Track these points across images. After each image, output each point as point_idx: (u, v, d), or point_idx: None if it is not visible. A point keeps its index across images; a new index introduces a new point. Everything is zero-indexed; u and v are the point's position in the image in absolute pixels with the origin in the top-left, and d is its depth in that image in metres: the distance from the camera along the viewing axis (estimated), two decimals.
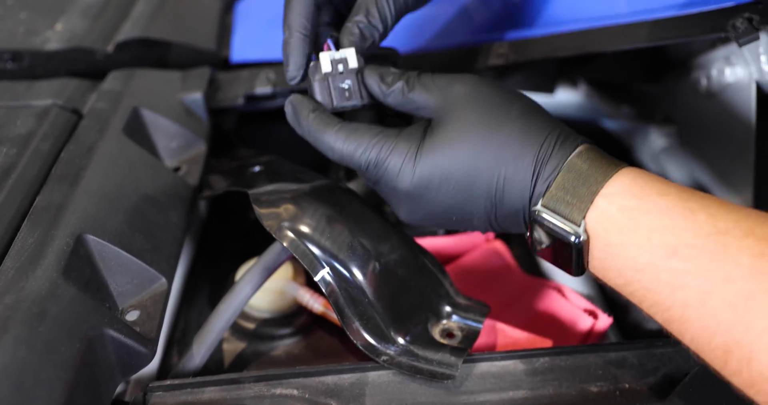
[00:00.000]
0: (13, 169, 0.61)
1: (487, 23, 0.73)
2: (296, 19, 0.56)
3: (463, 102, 0.52)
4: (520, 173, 0.50)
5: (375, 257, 0.56)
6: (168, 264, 0.59)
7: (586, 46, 0.63)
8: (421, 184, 0.52)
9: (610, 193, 0.47)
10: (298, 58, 0.56)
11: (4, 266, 0.52)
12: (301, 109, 0.56)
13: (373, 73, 0.55)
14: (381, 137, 0.53)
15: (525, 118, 0.51)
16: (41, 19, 0.81)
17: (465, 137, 0.51)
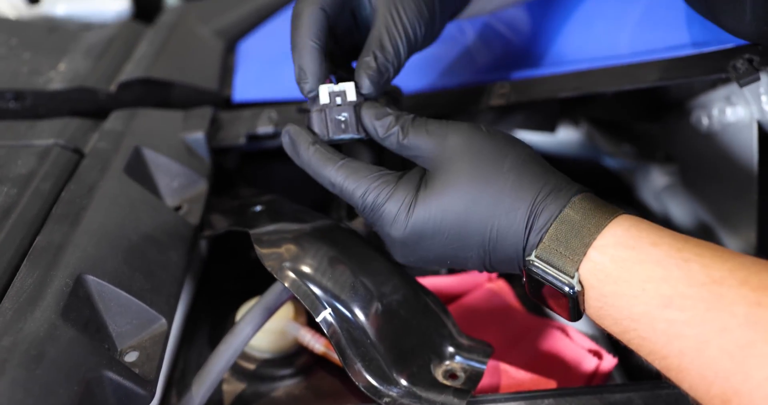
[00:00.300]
0: (13, 208, 0.61)
1: (488, 63, 0.74)
2: (308, 30, 0.56)
3: (457, 153, 0.52)
4: (512, 226, 0.50)
5: (377, 298, 0.56)
6: (168, 304, 0.59)
7: (588, 86, 0.64)
8: (414, 233, 0.52)
9: (602, 245, 0.48)
10: (314, 67, 0.56)
11: (2, 307, 0.52)
12: (300, 141, 0.56)
13: (368, 113, 0.55)
14: (380, 182, 0.53)
15: (518, 170, 0.51)
16: (45, 59, 0.82)
17: (458, 191, 0.51)
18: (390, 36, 0.57)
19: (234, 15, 0.95)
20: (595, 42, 0.70)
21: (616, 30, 0.70)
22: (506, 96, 0.67)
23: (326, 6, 0.56)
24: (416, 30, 0.58)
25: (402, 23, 0.57)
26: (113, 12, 0.94)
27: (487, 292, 0.71)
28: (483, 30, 0.79)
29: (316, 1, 0.56)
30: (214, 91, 0.84)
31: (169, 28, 0.90)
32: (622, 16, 0.72)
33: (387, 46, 0.56)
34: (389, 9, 0.57)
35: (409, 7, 0.58)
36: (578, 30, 0.73)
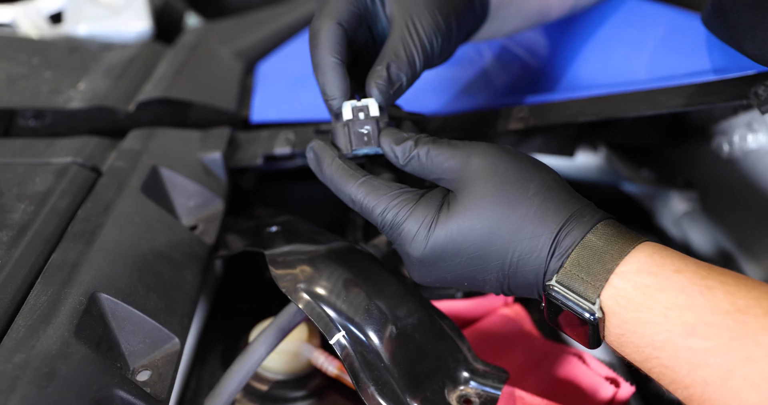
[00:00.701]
0: (29, 226, 0.61)
1: (506, 86, 0.74)
2: (328, 46, 0.55)
3: (481, 175, 0.51)
4: (534, 251, 0.50)
5: (392, 321, 0.55)
6: (181, 324, 0.58)
7: (607, 111, 0.63)
8: (434, 253, 0.52)
9: (625, 271, 0.47)
10: (339, 83, 0.55)
11: (15, 324, 0.52)
12: (324, 157, 0.56)
13: (387, 139, 0.55)
14: (400, 200, 0.53)
15: (542, 195, 0.50)
16: (65, 78, 0.82)
17: (480, 214, 0.50)
18: (405, 46, 0.56)
19: (253, 36, 0.96)
20: (614, 66, 0.70)
21: (635, 55, 0.70)
22: (525, 120, 0.67)
23: (343, 21, 0.56)
24: (433, 42, 0.58)
25: (418, 34, 0.57)
26: (134, 32, 0.95)
27: (504, 316, 0.70)
28: (500, 53, 0.79)
29: (332, 17, 0.56)
30: (232, 112, 0.84)
31: (188, 48, 0.90)
32: (641, 40, 0.72)
33: (401, 56, 0.56)
34: (405, 20, 0.57)
35: (426, 19, 0.57)
36: (597, 54, 0.73)
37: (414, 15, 0.57)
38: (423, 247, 0.52)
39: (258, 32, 0.97)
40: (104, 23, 0.94)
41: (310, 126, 0.77)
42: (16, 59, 0.84)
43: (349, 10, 0.57)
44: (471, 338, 0.64)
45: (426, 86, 0.69)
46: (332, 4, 0.57)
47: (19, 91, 0.79)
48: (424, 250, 0.52)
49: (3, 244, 0.59)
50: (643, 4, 0.76)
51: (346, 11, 0.57)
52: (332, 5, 0.57)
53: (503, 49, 0.79)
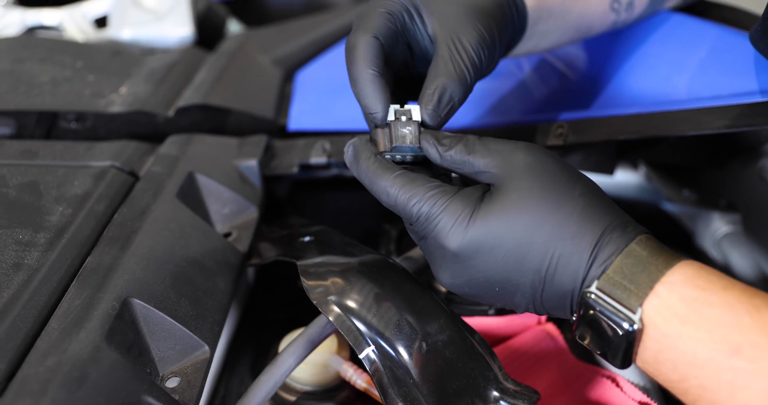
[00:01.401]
0: (67, 228, 0.62)
1: (544, 101, 0.73)
2: (365, 59, 0.55)
3: (526, 172, 0.50)
4: (575, 253, 0.48)
5: (422, 337, 0.55)
6: (212, 331, 0.58)
7: (649, 130, 0.62)
8: (471, 247, 0.50)
9: (671, 281, 0.45)
10: (380, 95, 0.54)
11: (49, 327, 0.52)
12: (362, 152, 0.55)
13: (429, 136, 0.54)
14: (437, 192, 0.51)
15: (588, 197, 0.49)
16: (107, 82, 0.83)
17: (524, 207, 0.49)
18: (454, 63, 0.56)
19: (293, 44, 0.96)
20: (656, 84, 0.68)
21: (678, 73, 0.69)
22: (564, 136, 0.66)
23: (380, 35, 0.56)
24: (481, 56, 0.57)
25: (465, 50, 0.56)
26: (176, 38, 0.95)
27: (536, 335, 0.69)
28: (539, 66, 0.78)
29: (369, 31, 0.55)
30: (270, 119, 0.84)
31: (229, 55, 0.91)
32: (684, 58, 0.70)
33: (452, 74, 0.55)
34: (450, 37, 0.57)
35: (471, 33, 0.57)
36: (638, 71, 0.71)
37: (458, 31, 0.57)
38: (461, 239, 0.49)
39: (298, 40, 0.97)
40: (147, 28, 0.95)
41: (348, 136, 0.77)
42: (61, 62, 0.85)
43: (386, 26, 0.56)
44: (502, 356, 0.64)
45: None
46: (369, 19, 0.56)
47: (62, 94, 0.80)
48: (461, 243, 0.49)
49: (40, 245, 0.60)
50: (688, 21, 0.74)
51: (383, 27, 0.56)
52: (369, 21, 0.56)
53: (542, 62, 0.78)
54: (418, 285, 0.58)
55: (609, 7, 0.69)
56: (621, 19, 0.70)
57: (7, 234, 0.61)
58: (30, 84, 0.81)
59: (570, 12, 0.66)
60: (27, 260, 0.58)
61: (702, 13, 0.75)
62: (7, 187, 0.66)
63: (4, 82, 0.81)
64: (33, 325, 0.53)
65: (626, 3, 0.69)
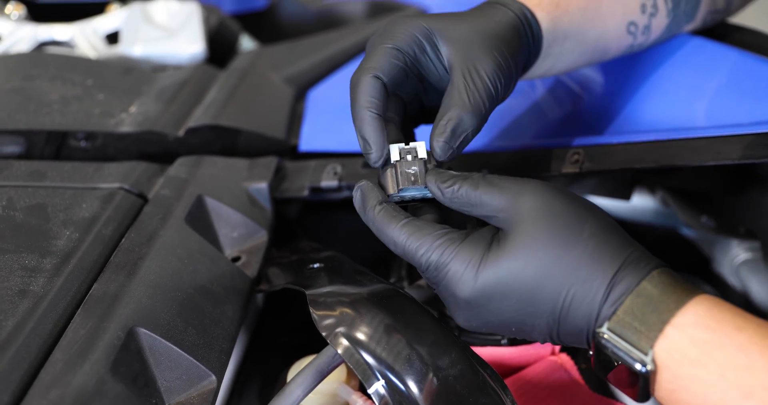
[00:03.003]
0: (73, 253, 0.61)
1: (559, 125, 0.72)
2: (364, 100, 0.55)
3: (533, 214, 0.49)
4: (587, 296, 0.48)
5: (433, 371, 0.53)
6: (219, 361, 0.57)
7: (667, 159, 0.61)
8: (482, 294, 0.50)
9: (682, 323, 0.45)
10: (375, 137, 0.54)
11: (53, 357, 0.51)
12: (369, 199, 0.54)
13: (433, 177, 0.54)
14: (445, 240, 0.51)
15: (597, 237, 0.48)
16: (117, 100, 0.83)
17: (533, 254, 0.48)
18: (469, 93, 0.55)
19: (305, 62, 0.95)
20: (675, 110, 0.67)
21: (697, 98, 0.67)
22: (579, 163, 0.65)
23: (383, 75, 0.55)
24: (497, 84, 0.56)
25: (481, 79, 0.55)
26: (188, 55, 0.95)
27: (549, 366, 0.67)
28: (553, 88, 0.77)
29: (370, 70, 0.55)
30: (281, 140, 0.83)
31: (240, 73, 0.90)
32: (704, 84, 0.69)
33: (466, 105, 0.54)
34: (466, 65, 0.56)
35: (487, 62, 0.56)
36: (656, 95, 0.70)
37: (474, 59, 0.56)
38: (471, 288, 0.49)
39: (310, 58, 0.96)
40: (159, 45, 0.95)
41: (360, 157, 0.76)
42: (71, 80, 0.84)
43: (391, 64, 0.56)
44: (515, 388, 0.62)
45: None
46: (373, 58, 0.56)
47: (71, 113, 0.80)
48: (473, 291, 0.49)
49: (46, 271, 0.59)
50: (707, 44, 0.73)
51: (387, 64, 0.55)
52: (372, 59, 0.56)
53: (557, 84, 0.77)
54: (428, 317, 0.57)
55: (625, 30, 0.67)
56: (638, 42, 0.69)
57: (14, 259, 0.60)
58: (39, 102, 0.80)
59: (586, 34, 0.65)
60: (33, 287, 0.58)
61: (722, 36, 0.73)
62: (15, 209, 0.66)
63: (14, 100, 0.81)
64: (37, 355, 0.52)
65: (643, 26, 0.68)
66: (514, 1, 0.61)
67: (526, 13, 0.60)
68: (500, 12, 0.59)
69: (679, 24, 0.71)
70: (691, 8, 0.70)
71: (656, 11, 0.68)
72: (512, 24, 0.59)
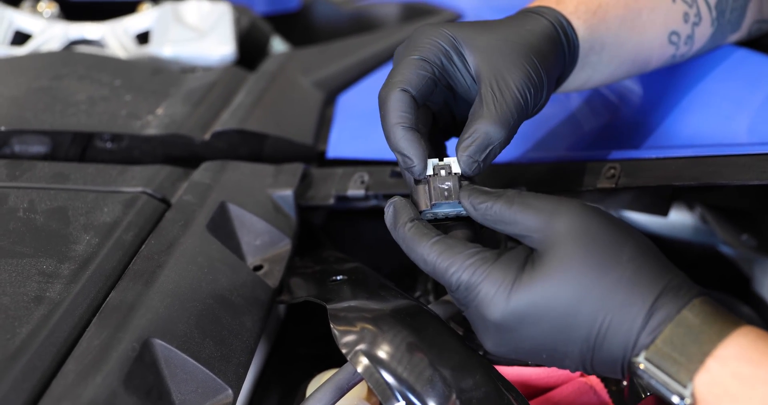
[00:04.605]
0: (92, 260, 0.60)
1: (595, 137, 0.69)
2: (395, 115, 0.53)
3: (570, 235, 0.47)
4: (625, 323, 0.45)
5: (456, 393, 0.51)
6: (236, 374, 0.56)
7: (707, 176, 0.58)
8: (514, 318, 0.48)
9: (724, 356, 0.43)
10: (414, 150, 0.53)
11: (65, 368, 0.50)
12: (401, 216, 0.53)
13: (467, 194, 0.52)
14: (476, 259, 0.49)
15: (636, 262, 0.46)
16: (144, 102, 0.81)
17: (568, 277, 0.46)
18: (496, 105, 0.53)
19: (336, 66, 0.94)
20: (717, 124, 0.64)
21: (741, 113, 0.65)
22: (615, 179, 0.62)
23: (411, 87, 0.54)
24: (527, 96, 0.54)
25: (509, 89, 0.53)
26: (218, 56, 0.94)
27: (578, 388, 0.65)
28: (591, 100, 0.74)
29: (397, 84, 0.54)
30: (309, 146, 0.82)
31: (269, 76, 0.89)
32: (748, 97, 0.66)
33: (493, 117, 0.52)
34: (494, 75, 0.54)
35: (516, 72, 0.54)
36: (697, 109, 0.67)
37: (502, 69, 0.54)
38: (503, 310, 0.47)
39: (341, 62, 0.94)
40: (189, 46, 0.94)
41: (388, 165, 0.74)
42: (99, 80, 0.84)
43: (418, 75, 0.54)
44: None
45: None
46: (399, 70, 0.54)
47: (97, 114, 0.79)
48: (503, 314, 0.47)
49: (64, 277, 0.58)
50: (753, 56, 0.70)
51: (414, 77, 0.54)
52: (400, 73, 0.54)
53: (594, 95, 0.75)
54: (453, 336, 0.55)
55: (667, 40, 0.65)
56: (680, 52, 0.66)
57: (31, 264, 0.59)
58: (66, 103, 0.79)
59: (625, 44, 0.63)
60: (49, 293, 0.57)
61: None
62: (36, 212, 0.65)
63: (41, 99, 0.80)
64: (51, 364, 0.51)
65: (686, 36, 0.65)
66: (550, 9, 0.58)
67: (562, 22, 0.58)
68: (533, 20, 0.57)
69: (723, 34, 0.68)
70: (737, 17, 0.67)
71: (700, 20, 0.65)
72: (546, 33, 0.57)
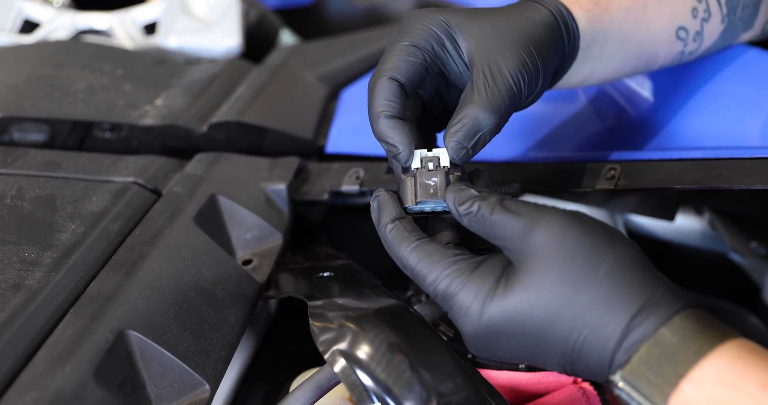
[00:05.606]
0: (75, 249, 0.59)
1: (597, 137, 0.67)
2: (381, 103, 0.52)
3: (545, 250, 0.46)
4: (599, 342, 0.44)
5: (435, 396, 0.49)
6: (215, 369, 0.55)
7: (710, 180, 0.56)
8: (488, 331, 0.47)
9: (699, 379, 0.41)
10: (399, 137, 0.52)
11: (36, 358, 0.49)
12: (384, 214, 0.52)
13: (452, 195, 0.50)
14: (454, 270, 0.48)
15: (614, 277, 0.45)
16: (144, 92, 0.80)
17: (540, 295, 0.45)
18: (487, 91, 0.51)
19: (341, 61, 0.92)
20: (725, 126, 0.62)
21: (751, 115, 0.62)
22: (615, 180, 0.60)
23: (399, 74, 0.52)
24: (520, 83, 0.52)
25: (502, 75, 0.52)
26: (223, 48, 0.92)
27: (570, 395, 0.62)
28: (594, 97, 0.72)
29: (385, 72, 0.52)
30: (308, 140, 0.80)
31: (272, 69, 0.87)
32: (760, 98, 0.64)
33: (483, 103, 0.51)
34: (487, 61, 0.52)
35: (510, 59, 0.52)
36: (704, 110, 0.65)
37: (495, 55, 0.52)
38: (476, 324, 0.47)
39: (347, 56, 0.92)
40: (194, 37, 0.93)
41: (384, 162, 0.72)
42: (100, 69, 0.83)
43: (407, 62, 0.53)
44: None
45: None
46: (389, 58, 0.53)
47: (95, 103, 0.78)
48: (477, 327, 0.47)
49: (45, 266, 0.57)
50: (765, 56, 0.67)
51: (403, 63, 0.52)
52: (389, 60, 0.53)
53: (597, 93, 0.72)
54: (436, 338, 0.53)
55: (674, 35, 0.62)
56: (689, 49, 0.64)
57: (13, 251, 0.58)
58: (65, 91, 0.79)
59: (630, 38, 0.60)
60: (28, 281, 0.56)
61: None
62: (23, 199, 0.64)
63: (40, 87, 0.79)
64: (23, 353, 0.50)
65: (694, 32, 0.63)
66: None
67: (562, 11, 0.56)
68: (532, 8, 0.56)
69: (735, 31, 0.65)
70: (749, 14, 0.65)
71: (709, 16, 0.62)
72: (544, 21, 0.55)
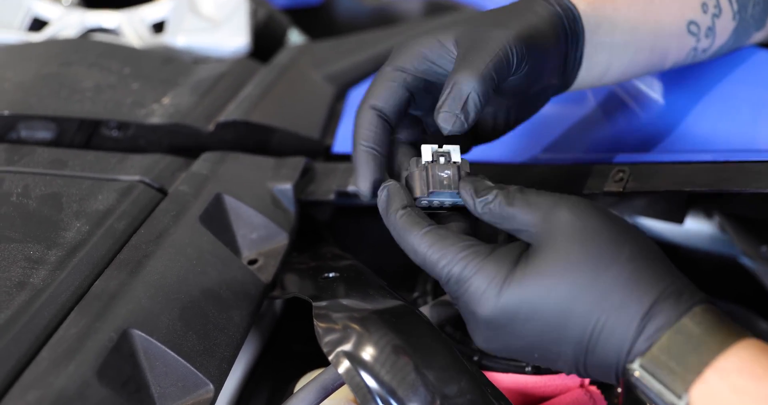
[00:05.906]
0: (80, 247, 0.59)
1: (605, 139, 0.66)
2: (361, 133, 0.53)
3: (567, 231, 0.45)
4: (620, 326, 0.43)
5: (439, 399, 0.49)
6: (219, 369, 0.55)
7: (720, 183, 0.55)
8: (504, 314, 0.46)
9: (724, 368, 0.41)
10: (366, 172, 0.53)
11: (40, 356, 0.49)
12: (394, 201, 0.51)
13: (468, 184, 0.50)
14: (469, 253, 0.47)
15: (636, 262, 0.44)
16: (151, 91, 0.80)
17: (563, 274, 0.44)
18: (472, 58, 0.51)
19: (349, 60, 0.91)
20: (736, 129, 0.62)
21: (762, 118, 0.61)
22: (623, 182, 0.60)
23: (380, 102, 0.53)
24: (508, 53, 0.51)
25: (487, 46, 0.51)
26: (230, 48, 0.92)
27: (577, 398, 0.62)
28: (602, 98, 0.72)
29: (366, 102, 0.53)
30: (315, 140, 0.80)
31: (280, 69, 0.87)
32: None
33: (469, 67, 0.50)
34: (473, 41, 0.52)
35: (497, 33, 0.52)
36: (716, 112, 0.64)
37: (483, 34, 0.52)
38: (493, 306, 0.46)
39: (355, 56, 0.92)
40: (202, 36, 0.93)
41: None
42: (108, 68, 0.83)
43: (389, 88, 0.53)
44: None
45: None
46: (373, 87, 0.54)
47: (102, 101, 0.78)
48: (494, 310, 0.46)
49: (50, 264, 0.57)
50: None
51: (385, 90, 0.53)
52: (371, 89, 0.54)
53: (606, 94, 0.72)
54: (441, 341, 0.53)
55: (685, 29, 0.62)
56: (702, 46, 0.63)
57: (18, 249, 0.58)
58: (72, 89, 0.79)
59: (639, 28, 0.60)
60: (33, 279, 0.56)
61: None
62: (29, 197, 0.64)
63: (48, 85, 0.79)
64: (27, 352, 0.50)
65: (706, 27, 0.62)
66: None
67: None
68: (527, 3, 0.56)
69: (747, 29, 0.65)
70: (760, 12, 0.64)
71: (720, 12, 0.62)
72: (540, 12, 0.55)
